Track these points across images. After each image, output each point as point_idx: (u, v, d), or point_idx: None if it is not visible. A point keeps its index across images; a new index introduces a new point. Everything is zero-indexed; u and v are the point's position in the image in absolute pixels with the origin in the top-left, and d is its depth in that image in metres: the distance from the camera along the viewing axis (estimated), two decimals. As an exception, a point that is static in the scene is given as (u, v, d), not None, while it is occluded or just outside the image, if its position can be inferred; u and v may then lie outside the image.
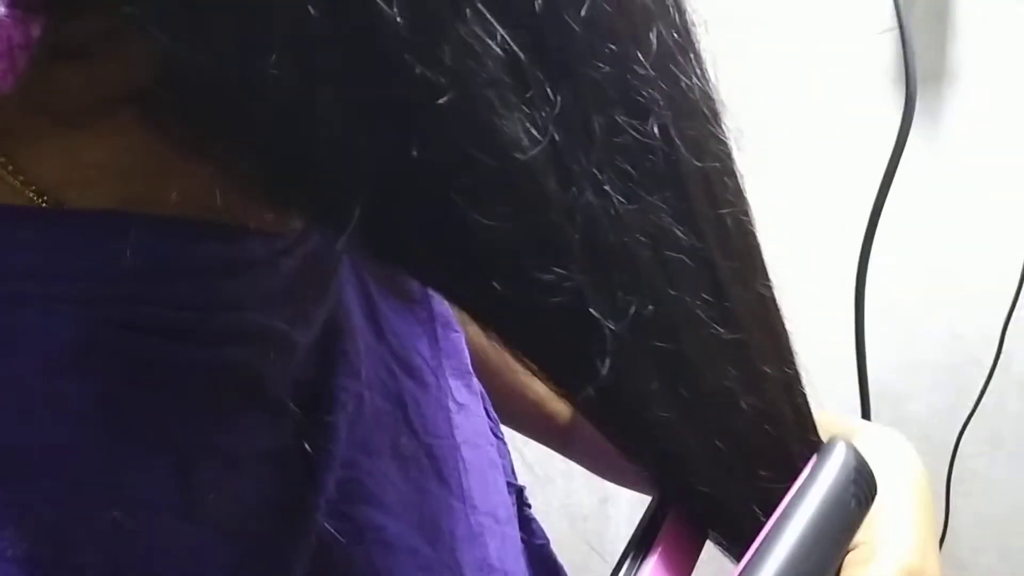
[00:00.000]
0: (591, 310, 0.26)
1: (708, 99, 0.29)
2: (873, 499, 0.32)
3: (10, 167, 0.26)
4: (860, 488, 0.31)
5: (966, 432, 1.14)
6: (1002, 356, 1.12)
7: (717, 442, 0.30)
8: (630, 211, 0.26)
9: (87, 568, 0.26)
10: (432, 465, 0.37)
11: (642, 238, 0.27)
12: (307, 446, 0.31)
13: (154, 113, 0.25)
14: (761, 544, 0.29)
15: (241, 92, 0.22)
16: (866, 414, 0.91)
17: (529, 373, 0.29)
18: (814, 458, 0.33)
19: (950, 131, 1.14)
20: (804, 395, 0.35)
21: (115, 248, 0.26)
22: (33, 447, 0.25)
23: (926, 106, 1.12)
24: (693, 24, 0.29)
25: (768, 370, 0.32)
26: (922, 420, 1.20)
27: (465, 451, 0.39)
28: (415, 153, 0.23)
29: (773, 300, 0.33)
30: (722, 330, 0.29)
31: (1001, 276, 1.14)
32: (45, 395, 0.26)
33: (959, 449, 1.14)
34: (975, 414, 1.13)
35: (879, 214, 0.86)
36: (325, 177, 0.24)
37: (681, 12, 0.28)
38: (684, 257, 0.28)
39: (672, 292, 0.28)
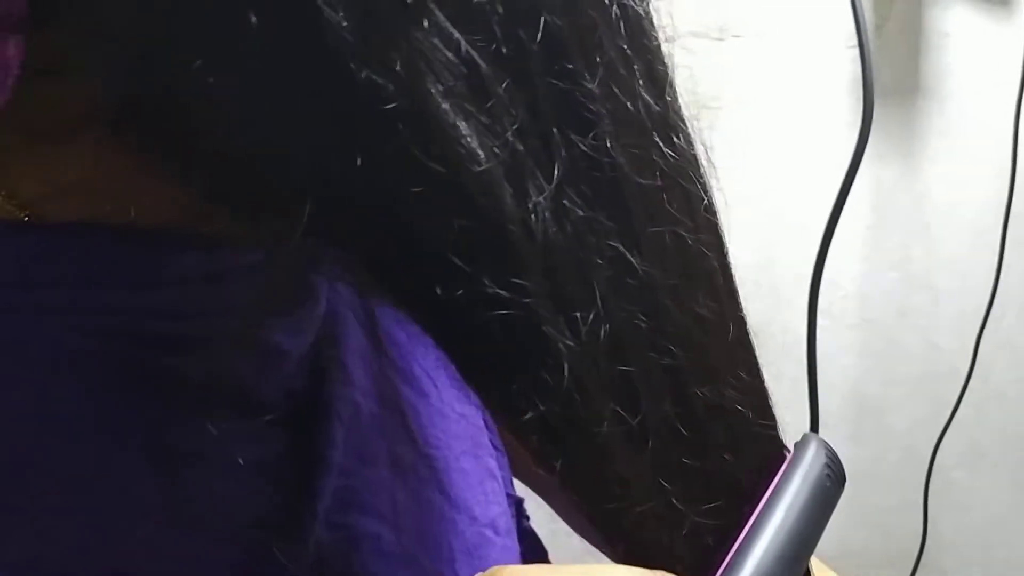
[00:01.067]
0: (544, 326, 0.26)
1: (657, 117, 0.29)
2: (843, 482, 0.34)
3: None
4: (833, 471, 0.34)
5: (945, 443, 1.14)
6: (979, 366, 1.13)
7: (661, 472, 0.30)
8: (582, 227, 0.26)
9: (77, 575, 0.26)
10: (431, 475, 0.37)
11: (593, 254, 0.27)
12: (301, 455, 0.31)
13: (115, 129, 0.26)
14: (754, 521, 0.31)
15: (185, 101, 0.22)
16: (815, 424, 0.91)
17: None
18: (791, 452, 0.34)
19: (923, 144, 1.14)
20: (764, 424, 0.34)
21: (97, 259, 0.27)
22: (25, 454, 0.26)
23: (899, 120, 1.13)
24: (649, 42, 0.29)
25: (703, 394, 0.31)
26: (902, 432, 1.20)
27: (464, 462, 0.39)
28: (360, 160, 0.23)
29: (723, 322, 0.32)
30: (660, 354, 0.29)
31: (975, 285, 1.14)
32: (36, 403, 0.26)
33: (936, 460, 1.14)
34: (952, 424, 1.13)
35: (834, 227, 0.86)
36: (271, 183, 0.24)
37: (632, 31, 0.28)
38: (628, 275, 0.28)
39: (621, 311, 0.27)
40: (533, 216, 0.25)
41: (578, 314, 0.26)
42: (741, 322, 0.33)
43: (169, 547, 0.27)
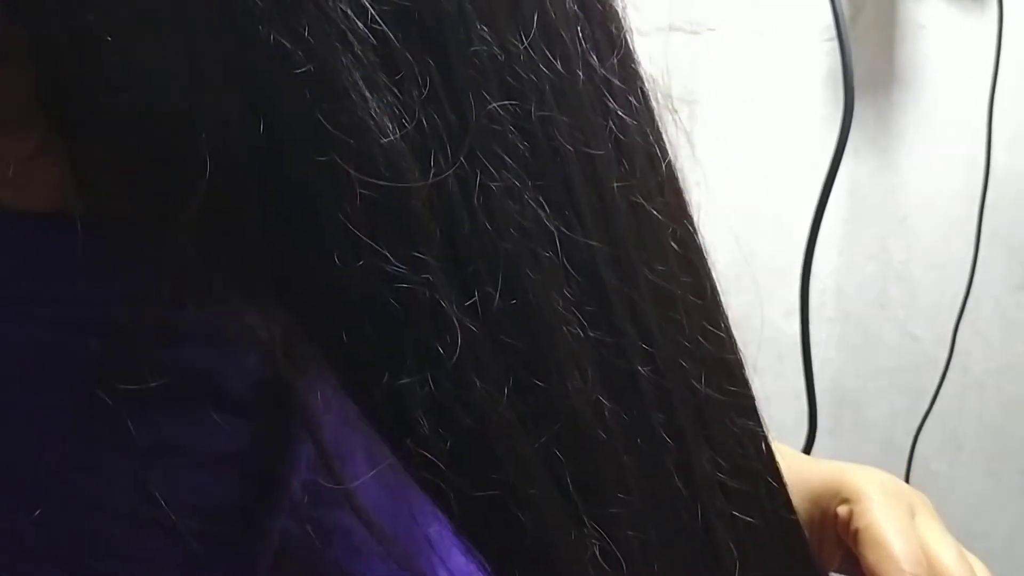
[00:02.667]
0: (442, 302, 0.25)
1: (603, 80, 0.28)
2: None
3: None
4: None
5: (923, 435, 1.14)
6: (958, 356, 1.13)
7: (562, 463, 0.27)
8: (499, 200, 0.25)
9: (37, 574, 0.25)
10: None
11: (511, 227, 0.26)
12: (269, 447, 0.30)
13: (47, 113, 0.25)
14: None
15: (90, 64, 0.22)
16: (813, 414, 0.91)
17: None
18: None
19: (898, 136, 1.15)
20: (739, 414, 0.31)
21: (55, 249, 0.26)
22: None
23: (874, 112, 1.13)
24: (603, 6, 0.28)
25: (651, 375, 0.29)
26: (882, 424, 1.20)
27: None
28: (262, 126, 0.23)
29: (684, 292, 0.30)
30: (586, 328, 0.27)
31: (951, 276, 1.15)
32: None
33: (916, 451, 1.15)
34: (931, 415, 1.14)
35: (820, 220, 0.86)
36: (174, 150, 0.23)
37: None
38: (553, 250, 0.27)
39: (536, 287, 0.27)
40: (437, 189, 0.24)
41: (479, 291, 0.26)
42: (708, 291, 0.32)
43: (130, 543, 0.27)
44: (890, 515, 0.45)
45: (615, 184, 0.28)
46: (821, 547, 0.47)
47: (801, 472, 0.48)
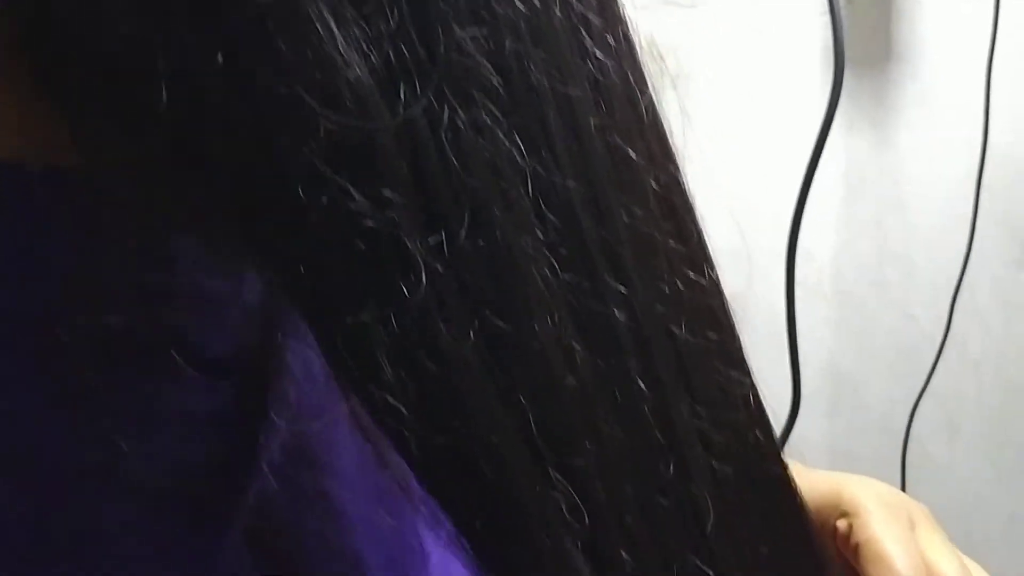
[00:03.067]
0: (406, 240, 0.24)
1: (580, 18, 0.27)
2: None
3: None
4: None
5: (921, 415, 1.14)
6: (955, 336, 1.12)
7: (526, 411, 0.26)
8: (467, 137, 0.25)
9: (8, 550, 0.25)
10: None
11: (480, 164, 0.25)
12: (250, 409, 0.29)
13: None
14: None
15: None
16: (797, 393, 0.90)
17: None
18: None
19: (895, 113, 1.13)
20: (727, 366, 0.30)
21: (26, 202, 0.25)
22: None
23: (871, 88, 1.12)
24: None
25: (622, 317, 0.28)
26: (878, 405, 1.19)
27: None
28: (222, 59, 0.22)
29: (668, 239, 0.29)
30: (559, 271, 0.27)
31: (948, 256, 1.14)
32: None
33: (912, 432, 1.14)
34: (928, 396, 1.13)
35: (806, 195, 0.85)
36: (125, 87, 0.23)
37: None
38: (525, 189, 0.26)
39: (505, 227, 0.26)
40: (405, 125, 0.24)
41: (446, 230, 0.25)
42: (694, 237, 0.30)
43: (93, 505, 0.26)
44: (890, 528, 0.45)
45: (592, 123, 0.27)
46: None
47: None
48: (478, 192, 0.25)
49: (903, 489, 1.13)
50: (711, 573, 0.29)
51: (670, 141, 0.30)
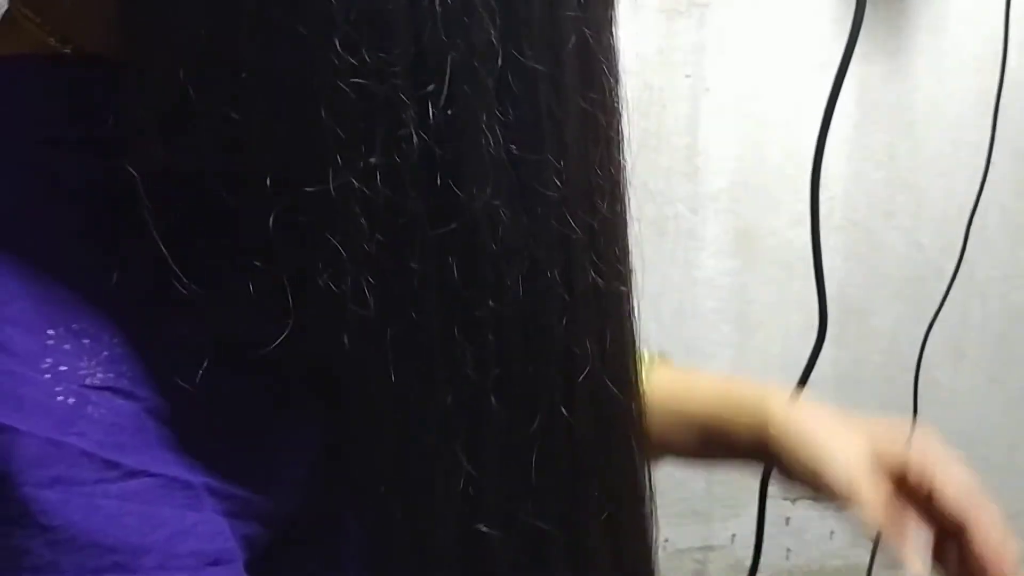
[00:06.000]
0: (403, 96, 0.29)
1: None
2: None
3: (38, 20, 0.33)
4: None
5: (929, 343, 1.14)
6: (964, 264, 1.12)
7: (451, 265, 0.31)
8: (453, 9, 0.29)
9: None
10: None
11: (458, 39, 0.29)
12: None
13: None
14: None
15: None
16: (824, 321, 0.90)
17: None
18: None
19: (910, 40, 1.12)
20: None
21: (118, 92, 0.31)
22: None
23: (886, 15, 1.10)
24: None
25: (554, 193, 0.32)
26: (887, 333, 1.20)
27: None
28: None
29: (604, 122, 0.33)
30: (511, 143, 0.31)
31: (960, 184, 1.13)
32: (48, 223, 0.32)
33: (923, 360, 1.14)
34: (937, 323, 1.13)
35: (828, 127, 0.84)
36: None
37: None
38: (495, 67, 0.30)
39: (469, 101, 0.30)
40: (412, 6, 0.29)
41: (432, 102, 0.29)
42: (617, 124, 0.34)
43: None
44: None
45: (569, 14, 0.31)
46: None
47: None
48: (456, 64, 0.29)
49: (914, 416, 1.14)
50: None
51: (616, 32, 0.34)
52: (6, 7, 0.35)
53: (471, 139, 0.30)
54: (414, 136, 0.29)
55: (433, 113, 0.29)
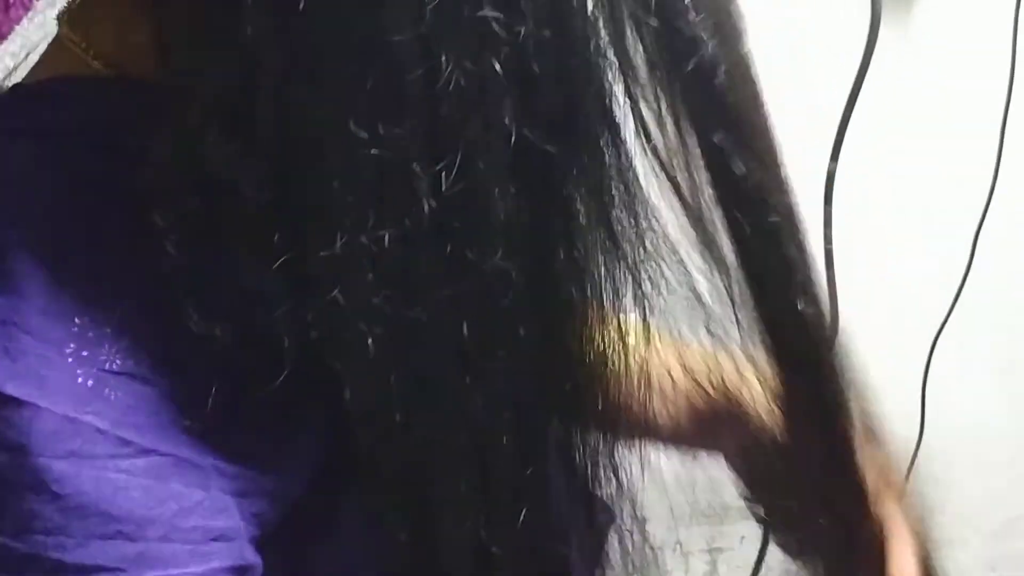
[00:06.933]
0: (415, 167, 0.30)
1: None
2: None
3: (83, 45, 0.36)
4: None
5: (937, 349, 1.14)
6: (974, 264, 1.12)
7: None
8: (471, 92, 0.29)
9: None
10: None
11: (477, 121, 0.30)
12: None
13: None
14: None
15: None
16: (835, 317, 0.90)
17: None
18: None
19: (921, 34, 1.12)
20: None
21: (159, 111, 0.32)
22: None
23: (899, 14, 1.10)
24: None
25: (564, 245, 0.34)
26: (896, 331, 1.19)
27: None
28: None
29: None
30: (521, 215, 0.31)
31: (973, 182, 1.13)
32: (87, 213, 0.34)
33: (932, 361, 1.14)
34: (945, 329, 1.13)
35: (847, 122, 0.84)
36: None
37: None
38: (508, 141, 0.31)
39: (487, 173, 0.30)
40: (429, 75, 0.29)
41: (444, 169, 0.30)
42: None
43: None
44: None
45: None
46: None
47: None
48: (469, 145, 0.30)
49: (922, 420, 1.14)
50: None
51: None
52: (55, 33, 0.38)
53: (482, 209, 0.31)
54: (425, 204, 0.30)
55: (445, 185, 0.30)
